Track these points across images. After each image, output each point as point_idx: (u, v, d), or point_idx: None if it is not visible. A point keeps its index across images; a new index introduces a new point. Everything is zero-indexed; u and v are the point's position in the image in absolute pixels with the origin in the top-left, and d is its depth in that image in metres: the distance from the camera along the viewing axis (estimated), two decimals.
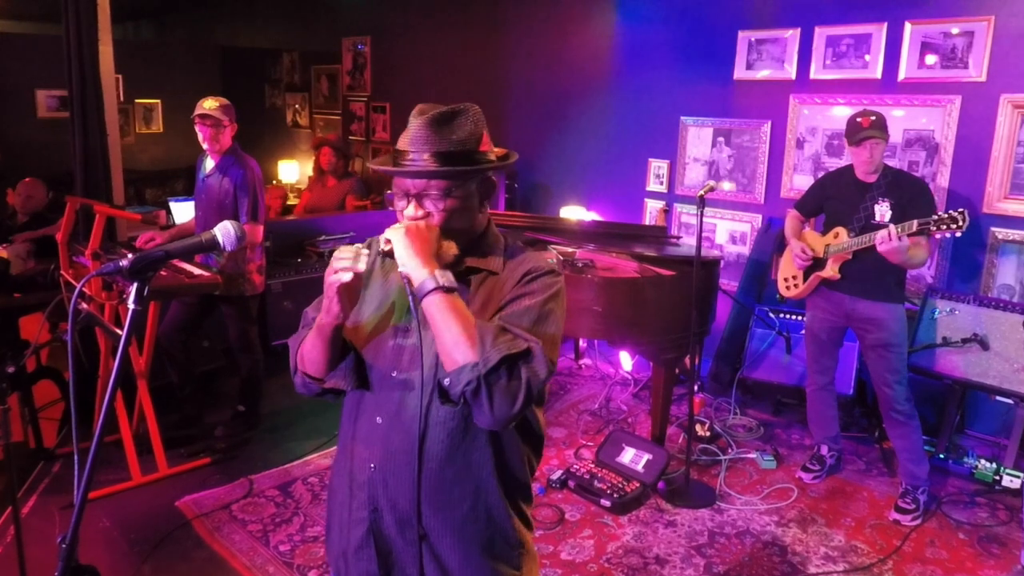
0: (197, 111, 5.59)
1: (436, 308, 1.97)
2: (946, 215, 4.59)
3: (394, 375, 2.20)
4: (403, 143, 2.14)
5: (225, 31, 13.92)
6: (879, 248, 4.73)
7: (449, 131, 2.12)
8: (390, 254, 2.06)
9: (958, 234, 4.59)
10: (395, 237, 2.04)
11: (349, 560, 2.34)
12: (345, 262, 2.02)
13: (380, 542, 2.28)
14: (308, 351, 2.24)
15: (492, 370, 1.93)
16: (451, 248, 2.14)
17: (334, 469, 2.46)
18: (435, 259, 2.04)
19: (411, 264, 2.01)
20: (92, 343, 5.52)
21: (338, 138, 9.70)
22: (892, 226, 4.69)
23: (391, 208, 2.25)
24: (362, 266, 2.03)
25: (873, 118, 4.89)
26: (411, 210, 2.15)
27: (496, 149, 2.29)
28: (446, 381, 2.00)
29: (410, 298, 2.04)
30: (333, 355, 2.21)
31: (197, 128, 5.64)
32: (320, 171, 9.44)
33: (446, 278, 1.99)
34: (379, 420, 2.23)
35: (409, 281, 2.02)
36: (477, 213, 2.25)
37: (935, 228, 4.62)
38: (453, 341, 1.96)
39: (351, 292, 2.09)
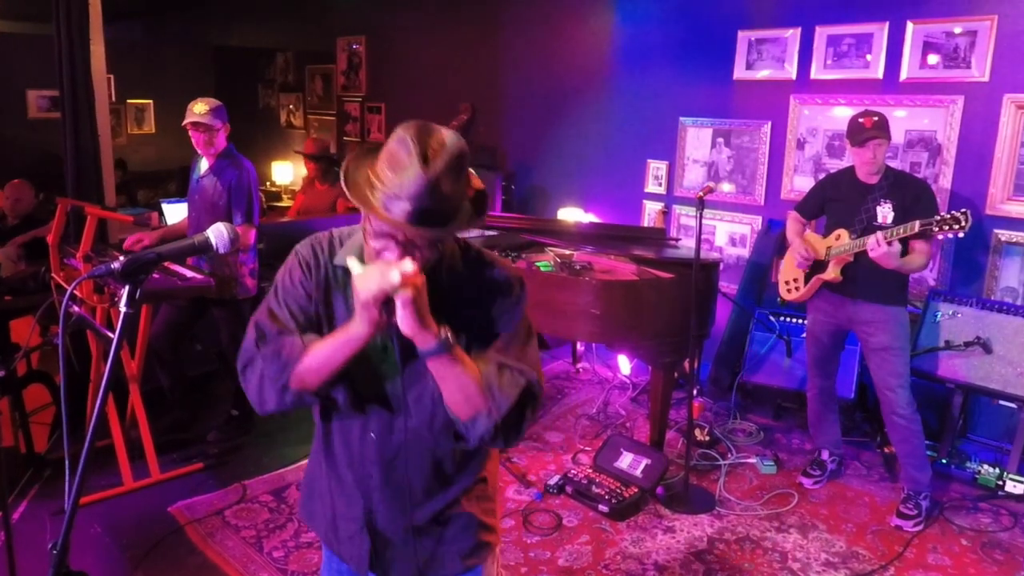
0: (188, 118, 5.52)
1: (445, 368, 2.05)
2: (948, 216, 4.56)
3: (381, 395, 2.28)
4: (402, 188, 1.96)
5: (218, 31, 13.87)
6: (871, 254, 4.70)
7: (455, 185, 2.01)
8: (390, 311, 1.99)
9: (960, 235, 4.55)
10: (401, 301, 1.95)
11: (345, 541, 2.46)
12: (388, 275, 1.94)
13: (375, 533, 2.40)
14: (321, 364, 2.15)
15: (506, 414, 2.09)
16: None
17: (314, 455, 2.55)
18: (431, 316, 2.01)
19: (415, 328, 1.99)
20: (83, 346, 5.51)
21: (317, 145, 9.63)
22: (880, 233, 4.67)
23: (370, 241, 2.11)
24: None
25: (876, 119, 4.86)
26: (408, 265, 1.97)
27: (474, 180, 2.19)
28: (461, 428, 2.13)
29: (396, 347, 2.16)
30: (344, 368, 2.17)
31: (190, 134, 5.58)
32: (309, 181, 9.40)
33: (449, 334, 2.02)
34: (372, 436, 2.31)
35: (399, 334, 2.04)
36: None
37: (937, 229, 4.59)
38: (464, 396, 2.08)
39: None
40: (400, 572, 2.45)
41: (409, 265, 1.95)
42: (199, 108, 5.52)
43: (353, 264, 2.05)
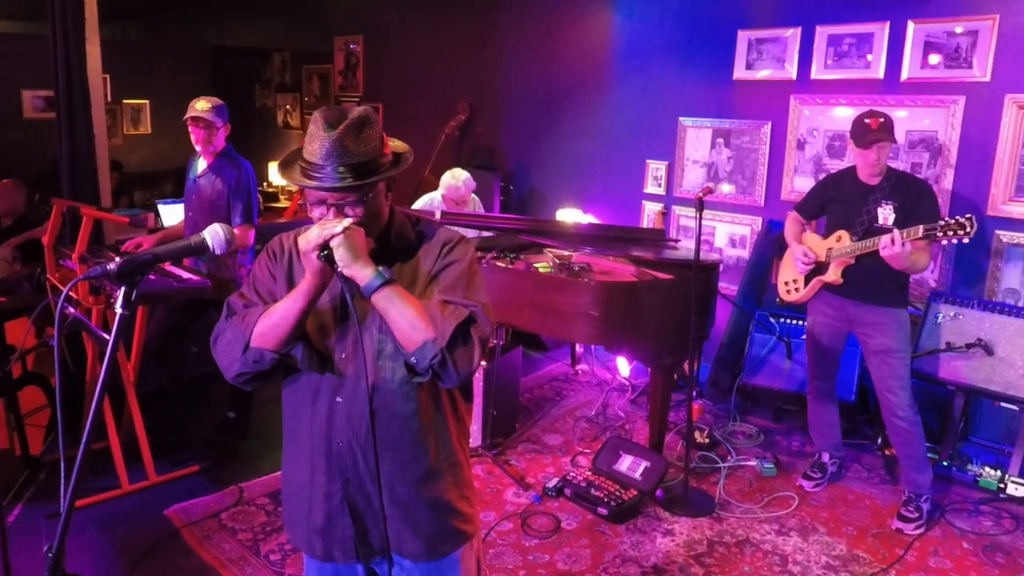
0: (189, 112, 5.52)
1: (388, 300, 2.26)
2: (953, 221, 4.51)
3: (342, 356, 2.44)
4: (315, 155, 2.28)
5: (215, 30, 13.84)
6: (883, 253, 4.66)
7: (360, 142, 2.29)
8: (329, 258, 2.23)
9: (966, 240, 4.52)
10: (335, 243, 2.22)
11: (323, 534, 2.57)
12: (336, 225, 2.25)
13: (353, 505, 2.51)
14: (279, 320, 2.35)
15: (450, 340, 2.24)
16: (370, 244, 2.35)
17: (287, 458, 2.67)
18: (368, 257, 2.28)
19: (356, 266, 2.24)
20: (79, 348, 5.48)
21: None
22: (896, 232, 4.62)
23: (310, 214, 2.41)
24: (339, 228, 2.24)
25: (882, 120, 4.82)
26: (330, 218, 2.33)
27: (390, 143, 2.46)
28: (412, 360, 2.29)
29: (347, 296, 2.28)
30: (300, 326, 2.38)
31: (190, 130, 5.57)
32: None
33: (388, 271, 2.27)
34: (339, 400, 2.45)
35: (346, 279, 2.26)
36: (383, 206, 2.46)
37: (942, 234, 4.55)
38: (409, 325, 2.25)
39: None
40: (380, 547, 2.55)
41: (345, 221, 2.26)
42: (201, 104, 5.52)
43: (301, 238, 2.32)
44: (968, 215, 4.50)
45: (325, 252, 2.22)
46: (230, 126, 5.68)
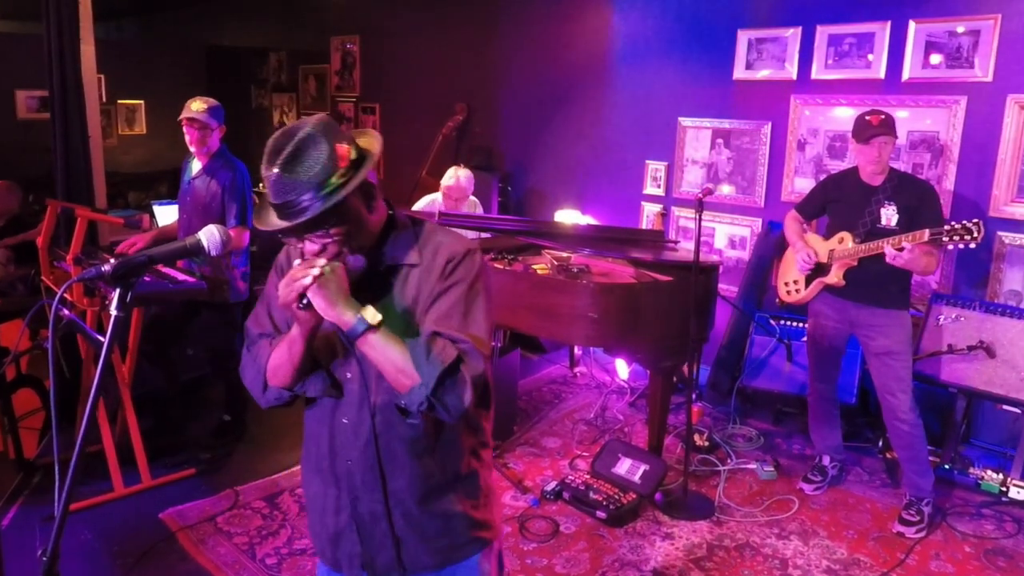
0: (184, 113, 5.51)
1: (370, 348, 2.18)
2: (960, 226, 4.48)
3: (348, 376, 2.39)
4: (271, 195, 2.17)
5: (210, 30, 13.82)
6: (895, 263, 4.63)
7: (305, 170, 2.13)
8: (309, 306, 2.16)
9: (973, 246, 4.48)
10: (310, 293, 2.14)
11: (332, 546, 2.56)
12: (308, 271, 2.14)
13: (360, 524, 2.48)
14: (280, 364, 2.36)
15: (436, 385, 2.15)
16: (358, 263, 2.29)
17: (305, 466, 2.64)
18: (350, 299, 2.18)
19: (333, 314, 2.15)
20: (74, 350, 5.47)
21: None
22: (904, 242, 4.58)
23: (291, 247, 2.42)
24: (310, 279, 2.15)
25: (883, 117, 4.81)
26: (298, 264, 2.22)
27: (347, 147, 2.23)
28: (401, 403, 2.24)
29: (340, 332, 2.23)
30: (306, 363, 2.34)
31: (184, 130, 5.54)
32: None
33: (370, 315, 2.16)
34: (345, 421, 2.42)
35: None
36: (369, 215, 2.31)
37: (947, 239, 4.52)
38: (395, 371, 2.18)
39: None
40: (386, 567, 2.52)
41: (314, 270, 2.13)
42: (196, 105, 5.51)
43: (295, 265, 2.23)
44: (975, 220, 4.47)
45: (304, 302, 2.16)
46: (225, 127, 5.66)
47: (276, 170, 2.12)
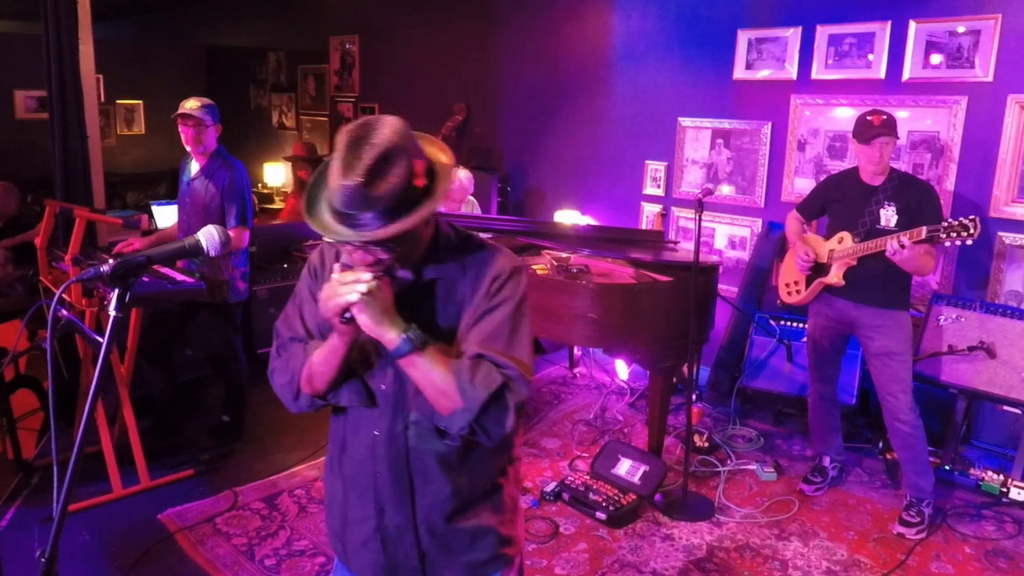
0: (179, 110, 5.49)
1: (413, 368, 2.14)
2: (956, 223, 4.48)
3: (383, 387, 2.32)
4: (337, 200, 2.05)
5: (209, 30, 13.82)
6: (893, 259, 4.62)
7: (385, 186, 2.02)
8: (352, 320, 2.10)
9: (969, 242, 4.47)
10: (355, 309, 2.08)
11: (356, 550, 2.50)
12: (355, 287, 2.07)
13: (385, 536, 2.42)
14: (318, 372, 2.30)
15: (480, 411, 2.12)
16: (407, 277, 2.24)
17: (329, 470, 2.58)
18: (395, 316, 2.12)
19: (377, 332, 2.10)
20: (72, 351, 5.46)
21: (307, 149, 9.56)
22: (902, 236, 4.57)
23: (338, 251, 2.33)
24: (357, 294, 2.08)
25: (884, 117, 4.81)
26: (360, 286, 2.09)
27: (422, 163, 2.14)
28: (441, 425, 2.21)
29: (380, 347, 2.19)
30: (342, 372, 2.29)
31: (179, 128, 5.54)
32: (301, 183, 9.32)
33: (415, 334, 2.11)
34: (376, 433, 2.35)
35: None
36: (424, 231, 2.24)
37: (945, 236, 4.51)
38: (437, 393, 2.13)
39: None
40: None
41: (360, 286, 2.06)
42: (191, 103, 5.52)
43: (335, 273, 2.15)
44: (972, 216, 4.47)
45: (347, 315, 2.09)
46: (221, 127, 5.65)
47: (356, 181, 1.99)
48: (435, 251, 2.28)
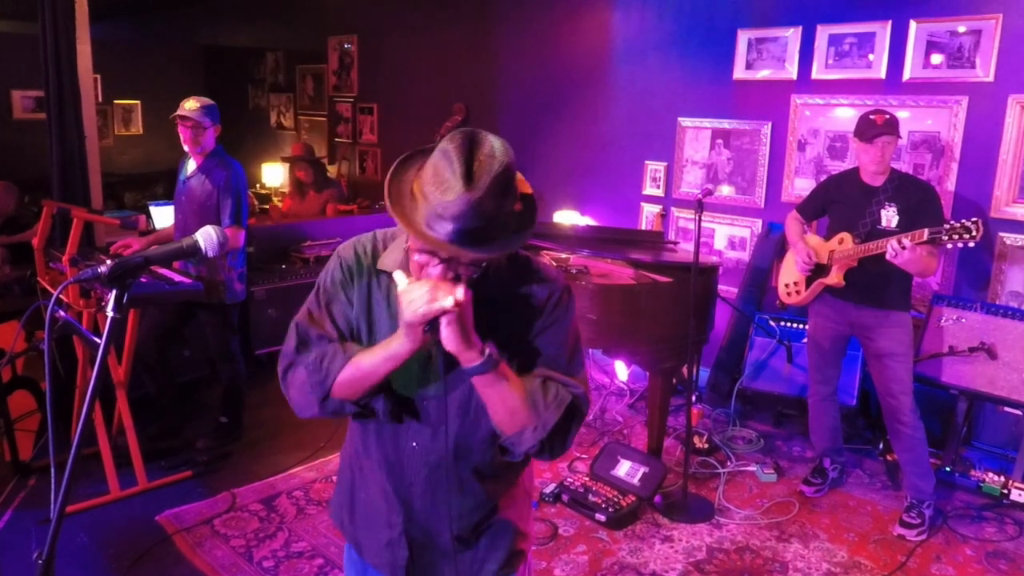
0: (178, 111, 5.47)
1: (489, 384, 2.08)
2: (959, 225, 4.46)
3: (425, 402, 2.26)
4: (445, 208, 1.90)
5: (207, 30, 13.80)
6: (895, 261, 4.59)
7: (502, 204, 1.96)
8: (433, 331, 1.99)
9: (971, 245, 4.46)
10: (444, 321, 1.96)
11: (377, 549, 2.45)
12: (443, 298, 1.94)
13: (412, 540, 2.39)
14: (363, 377, 2.17)
15: (552, 430, 2.12)
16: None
17: (355, 467, 2.51)
18: (475, 332, 2.03)
19: (460, 348, 2.00)
20: (69, 352, 5.47)
21: (305, 150, 9.56)
22: (903, 238, 4.55)
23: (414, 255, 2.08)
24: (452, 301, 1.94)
25: (887, 117, 4.81)
26: (458, 292, 1.96)
27: (519, 186, 2.08)
28: (507, 443, 2.18)
29: (440, 361, 2.14)
30: (387, 381, 2.21)
31: (178, 129, 5.53)
32: (298, 184, 9.30)
33: (493, 351, 2.04)
34: (415, 445, 2.30)
35: (439, 344, 2.03)
36: None
37: (947, 238, 4.49)
38: (510, 412, 2.11)
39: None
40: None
41: (459, 292, 1.94)
42: (190, 104, 5.50)
43: (399, 278, 2.05)
44: (974, 219, 4.45)
45: (430, 326, 1.99)
46: (220, 127, 5.64)
47: (475, 194, 1.88)
48: (491, 272, 2.17)
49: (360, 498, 2.49)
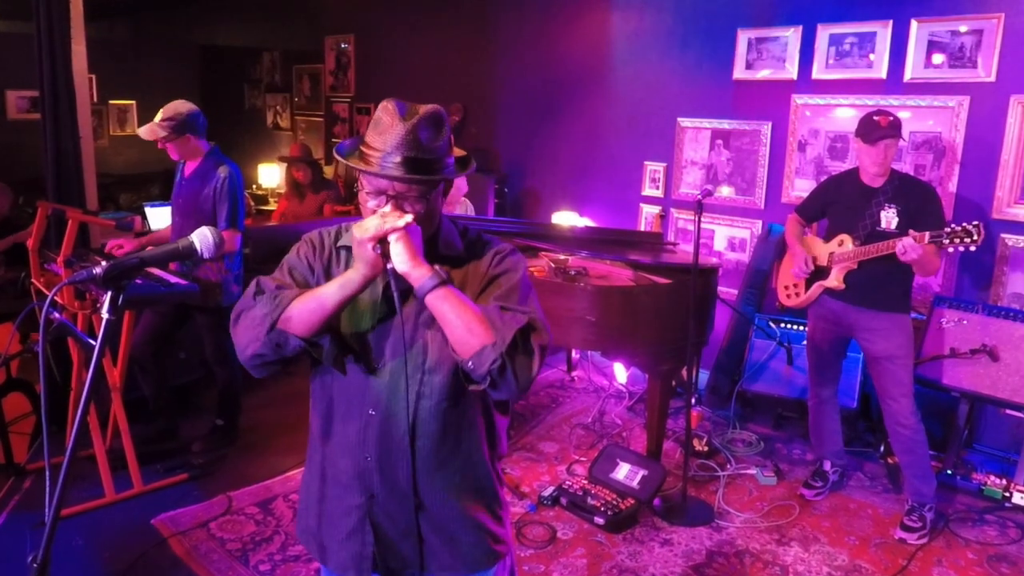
0: (147, 136, 5.50)
1: (444, 301, 2.16)
2: (960, 228, 4.44)
3: (380, 366, 2.35)
4: (385, 143, 2.22)
5: (203, 29, 13.81)
6: (905, 259, 4.56)
7: (433, 137, 2.24)
8: (385, 252, 2.16)
9: (973, 249, 4.44)
10: (394, 238, 2.14)
11: (337, 545, 2.50)
12: (391, 218, 2.16)
13: (376, 525, 2.43)
14: (311, 310, 2.24)
15: (510, 346, 2.14)
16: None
17: (312, 465, 2.58)
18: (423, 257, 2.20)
19: (411, 264, 2.15)
20: (64, 354, 5.45)
21: (303, 150, 9.53)
22: (913, 233, 4.52)
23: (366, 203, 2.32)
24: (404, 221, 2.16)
25: (891, 119, 4.78)
26: (389, 210, 2.23)
27: (456, 150, 2.41)
28: (468, 365, 2.18)
29: (395, 293, 2.19)
30: (335, 318, 2.29)
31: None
32: (295, 185, 9.27)
33: (444, 271, 2.20)
34: (372, 412, 2.36)
35: (397, 277, 2.18)
36: (439, 208, 2.40)
37: (948, 242, 4.47)
38: (467, 328, 2.15)
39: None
40: (405, 569, 2.50)
41: (408, 216, 2.17)
42: (151, 127, 5.48)
43: (355, 226, 2.22)
44: (976, 222, 4.43)
45: (381, 246, 2.15)
46: (202, 129, 5.59)
47: (409, 124, 2.21)
48: (440, 237, 2.41)
49: (314, 495, 2.54)
